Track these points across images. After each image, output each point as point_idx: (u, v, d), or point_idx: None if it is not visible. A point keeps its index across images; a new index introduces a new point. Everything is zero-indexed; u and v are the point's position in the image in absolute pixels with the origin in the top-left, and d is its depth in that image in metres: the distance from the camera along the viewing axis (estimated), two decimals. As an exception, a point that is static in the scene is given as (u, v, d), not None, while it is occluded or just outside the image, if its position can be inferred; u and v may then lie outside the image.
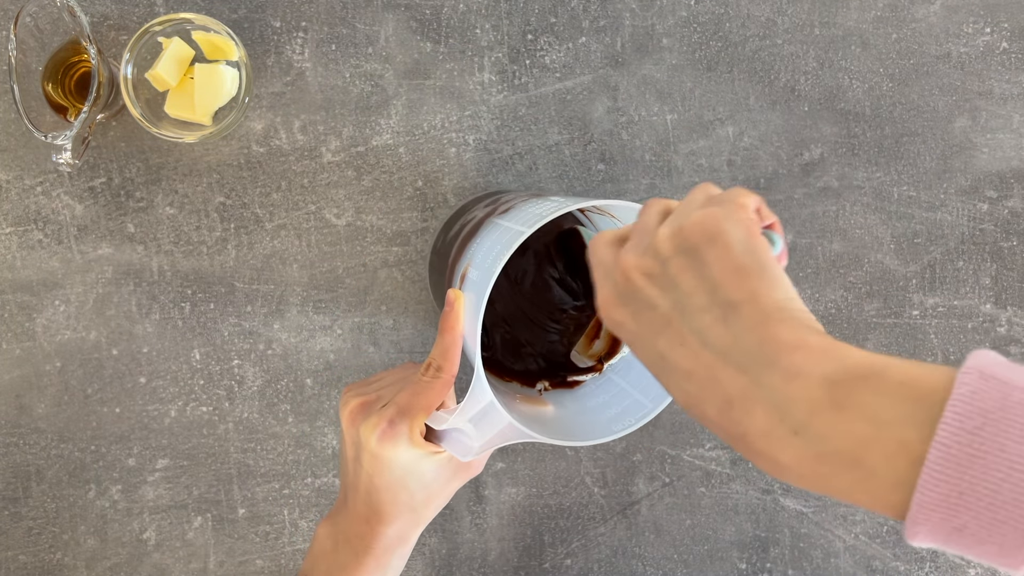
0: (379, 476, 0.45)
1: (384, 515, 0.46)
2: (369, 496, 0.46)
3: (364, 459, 0.45)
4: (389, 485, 0.45)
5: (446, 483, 0.47)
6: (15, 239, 0.62)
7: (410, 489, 0.45)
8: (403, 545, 0.47)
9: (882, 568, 0.67)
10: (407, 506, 0.46)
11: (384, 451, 0.44)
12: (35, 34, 0.57)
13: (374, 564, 0.46)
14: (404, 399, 0.45)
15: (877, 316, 0.67)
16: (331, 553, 0.47)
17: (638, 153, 0.65)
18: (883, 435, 0.26)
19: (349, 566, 0.46)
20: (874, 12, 0.66)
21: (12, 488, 0.63)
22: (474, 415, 0.44)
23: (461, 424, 0.44)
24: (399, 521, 0.46)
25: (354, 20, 0.64)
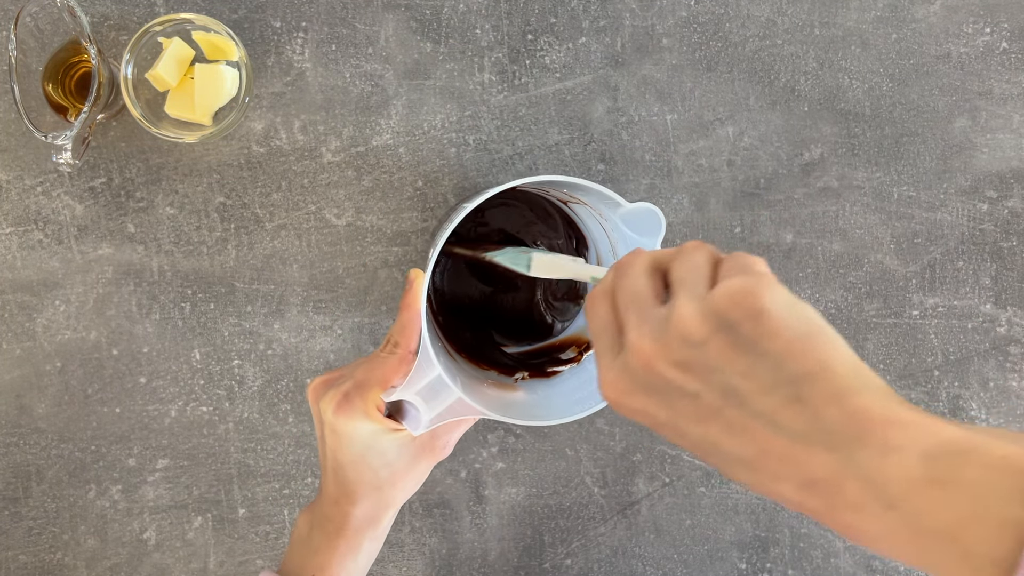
0: (341, 451, 0.46)
1: (351, 494, 0.46)
2: (336, 475, 0.46)
3: (327, 436, 0.46)
4: (352, 462, 0.46)
5: (411, 463, 0.47)
6: (15, 239, 0.62)
7: (373, 467, 0.46)
8: (373, 527, 0.46)
9: (882, 568, 0.67)
10: (372, 485, 0.46)
11: (340, 423, 0.45)
12: (35, 34, 0.57)
13: (345, 546, 0.46)
14: (360, 374, 0.46)
15: (877, 316, 0.67)
16: (306, 538, 0.47)
17: (638, 153, 0.65)
18: (984, 512, 0.25)
19: (322, 549, 0.46)
20: (874, 12, 0.66)
21: (12, 488, 0.63)
22: (422, 388, 0.45)
23: (409, 396, 0.45)
24: (366, 501, 0.46)
25: (354, 20, 0.64)
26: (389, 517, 0.47)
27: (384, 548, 0.65)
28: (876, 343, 0.67)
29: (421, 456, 0.47)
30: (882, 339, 0.67)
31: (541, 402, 0.55)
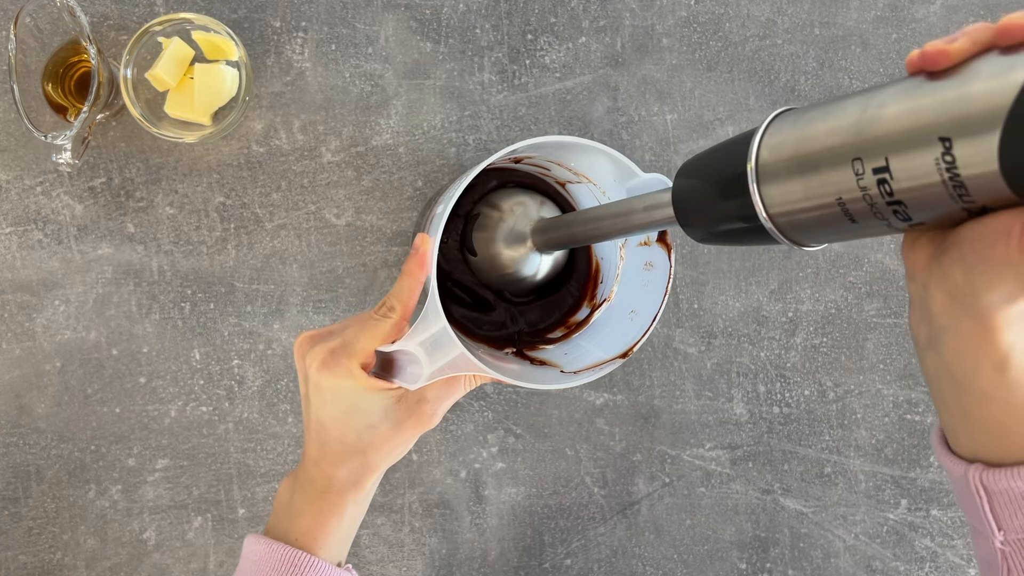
0: (324, 410, 0.45)
1: (331, 455, 0.45)
2: (318, 435, 0.45)
3: (311, 393, 0.45)
4: (335, 420, 0.45)
5: (395, 427, 0.45)
6: (15, 239, 0.62)
7: (355, 428, 0.45)
8: (356, 490, 0.45)
9: (882, 568, 0.67)
10: (353, 446, 0.45)
11: (324, 380, 0.44)
12: (35, 34, 0.57)
13: (328, 509, 0.45)
14: (350, 333, 0.45)
15: (877, 316, 0.67)
16: (288, 503, 0.46)
17: (638, 153, 0.65)
18: None
19: (305, 512, 0.45)
20: (874, 12, 0.66)
21: (12, 488, 0.63)
22: (426, 339, 0.45)
23: (412, 347, 0.45)
24: (348, 463, 0.45)
25: (354, 20, 0.64)
26: (372, 482, 0.46)
27: (384, 548, 0.65)
28: (876, 343, 0.67)
29: (406, 421, 0.46)
30: (882, 339, 0.67)
31: (533, 371, 0.55)
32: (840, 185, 0.30)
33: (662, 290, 0.53)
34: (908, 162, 0.27)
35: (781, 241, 0.34)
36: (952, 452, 0.34)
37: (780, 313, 0.67)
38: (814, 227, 0.32)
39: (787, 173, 0.32)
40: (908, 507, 0.68)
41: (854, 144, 0.29)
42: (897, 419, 0.68)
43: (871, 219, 0.30)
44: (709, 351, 0.67)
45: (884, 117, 0.28)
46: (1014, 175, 0.25)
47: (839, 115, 0.30)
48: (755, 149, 0.33)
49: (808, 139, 0.31)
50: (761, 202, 0.33)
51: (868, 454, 0.67)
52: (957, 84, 0.27)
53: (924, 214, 0.29)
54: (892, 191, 0.28)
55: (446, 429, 0.65)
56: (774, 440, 0.67)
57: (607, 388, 0.66)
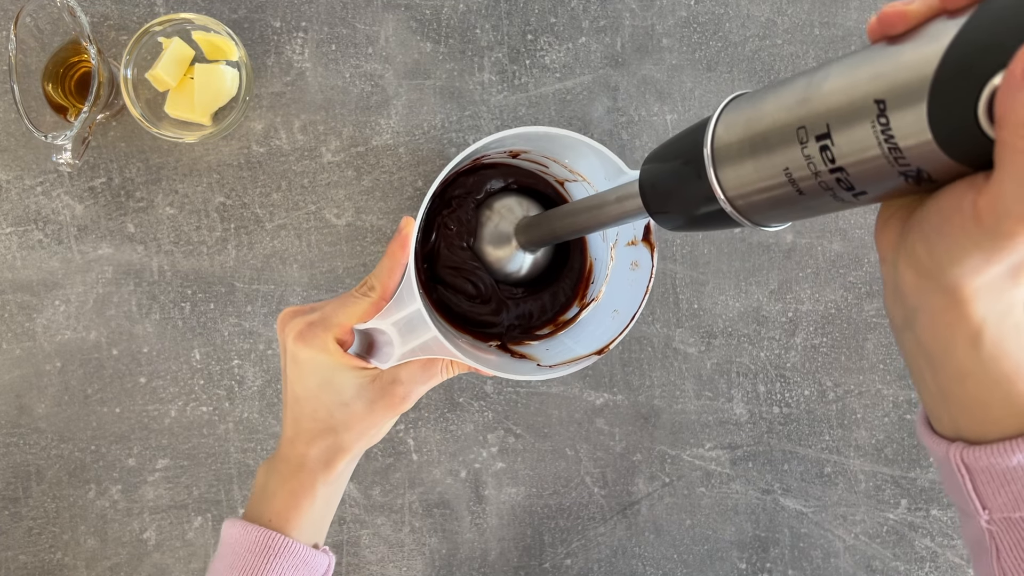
0: (299, 383, 0.45)
1: (305, 432, 0.45)
2: (293, 411, 0.46)
3: (288, 367, 0.46)
4: (308, 396, 0.45)
5: (367, 406, 0.46)
6: (15, 239, 0.62)
7: (327, 404, 0.45)
8: (326, 471, 0.45)
9: (882, 568, 0.67)
10: (326, 424, 0.45)
11: (299, 351, 0.44)
12: (35, 34, 0.57)
13: (300, 490, 0.45)
14: (329, 308, 0.46)
15: (877, 316, 0.67)
16: (263, 487, 0.46)
17: (638, 153, 0.65)
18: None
19: (277, 494, 0.45)
20: (874, 12, 0.66)
21: (12, 488, 0.63)
22: (399, 320, 0.45)
23: (385, 326, 0.45)
24: (320, 442, 0.45)
25: (354, 20, 0.64)
26: (344, 464, 0.46)
27: (384, 548, 0.65)
28: (876, 343, 0.67)
29: (379, 401, 0.46)
30: (882, 339, 0.67)
31: (511, 362, 0.55)
32: (787, 157, 0.30)
33: (643, 290, 0.54)
34: (847, 127, 0.28)
35: (742, 223, 0.34)
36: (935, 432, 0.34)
37: (780, 313, 0.67)
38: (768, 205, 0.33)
39: (739, 154, 0.32)
40: (908, 507, 0.68)
41: (798, 115, 0.29)
42: (897, 419, 0.68)
43: (819, 191, 0.30)
44: (709, 351, 0.67)
45: (825, 87, 0.29)
46: (945, 139, 0.25)
47: (786, 92, 0.31)
48: (710, 133, 0.34)
49: (758, 117, 0.32)
50: (719, 186, 0.33)
51: (868, 454, 0.67)
52: (897, 50, 0.27)
53: (868, 184, 0.29)
54: (834, 158, 0.28)
55: (446, 429, 0.65)
56: (774, 440, 0.67)
57: (607, 388, 0.66)
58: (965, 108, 0.24)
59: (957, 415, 0.32)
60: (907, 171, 0.27)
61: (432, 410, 0.65)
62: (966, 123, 0.24)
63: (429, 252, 0.60)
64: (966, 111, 0.24)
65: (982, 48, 0.24)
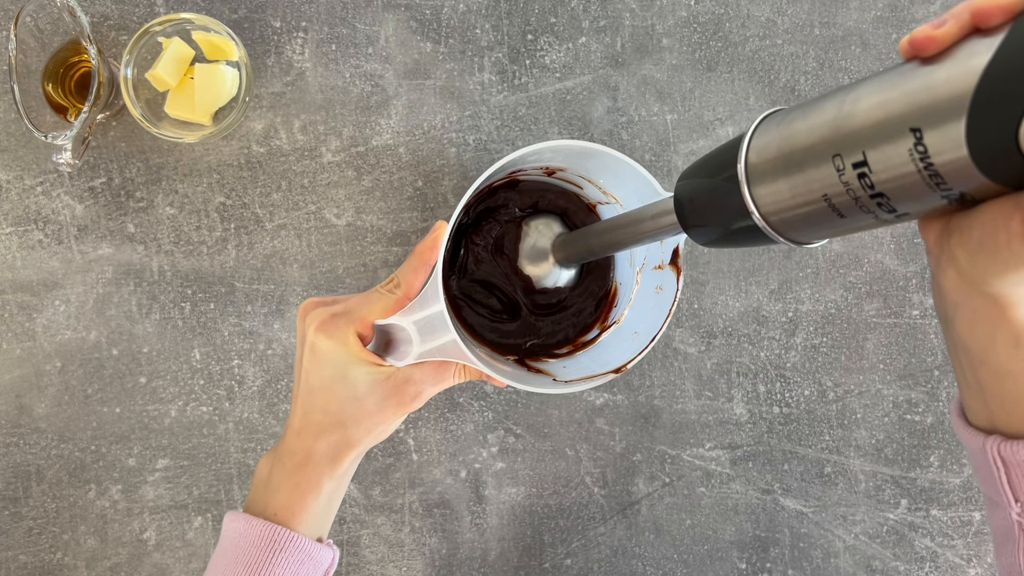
0: (314, 374, 0.45)
1: (313, 424, 0.45)
2: (304, 402, 0.46)
3: (305, 356, 0.46)
4: (322, 387, 0.45)
5: (379, 403, 0.45)
6: (15, 239, 0.62)
7: (339, 398, 0.45)
8: (332, 465, 0.45)
9: (882, 568, 0.67)
10: (335, 417, 0.45)
11: (319, 340, 0.44)
12: (35, 34, 0.57)
13: (305, 484, 0.45)
14: (353, 302, 0.46)
15: (877, 316, 0.67)
16: (266, 479, 0.46)
17: (638, 153, 0.65)
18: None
19: (282, 487, 0.45)
20: (874, 12, 0.66)
21: (12, 488, 0.63)
22: (420, 319, 0.45)
23: (405, 323, 0.45)
24: (328, 436, 0.45)
25: (354, 20, 0.64)
26: (350, 460, 0.46)
27: (384, 548, 0.65)
28: (876, 343, 0.67)
29: (390, 398, 0.46)
30: (882, 339, 0.67)
31: (528, 375, 0.55)
32: (824, 181, 0.30)
33: (666, 311, 0.54)
34: (883, 155, 0.27)
35: (778, 240, 0.34)
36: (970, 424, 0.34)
37: (780, 313, 0.67)
38: (805, 224, 0.33)
39: (773, 173, 0.32)
40: (908, 507, 0.68)
41: (832, 140, 0.29)
42: (897, 419, 0.68)
43: (858, 213, 0.30)
44: (709, 351, 0.67)
45: (859, 111, 0.28)
46: (985, 162, 0.25)
47: (819, 113, 0.30)
48: (744, 151, 0.34)
49: (791, 138, 0.31)
50: (753, 203, 0.33)
51: (868, 454, 0.67)
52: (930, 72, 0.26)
53: (909, 205, 0.28)
54: (873, 184, 0.28)
55: (446, 429, 0.65)
56: (774, 440, 0.67)
57: (607, 388, 0.66)
58: (1005, 131, 0.23)
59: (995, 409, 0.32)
60: (948, 193, 0.27)
61: (432, 410, 0.65)
62: (1007, 146, 0.24)
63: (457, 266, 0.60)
64: (1006, 134, 0.23)
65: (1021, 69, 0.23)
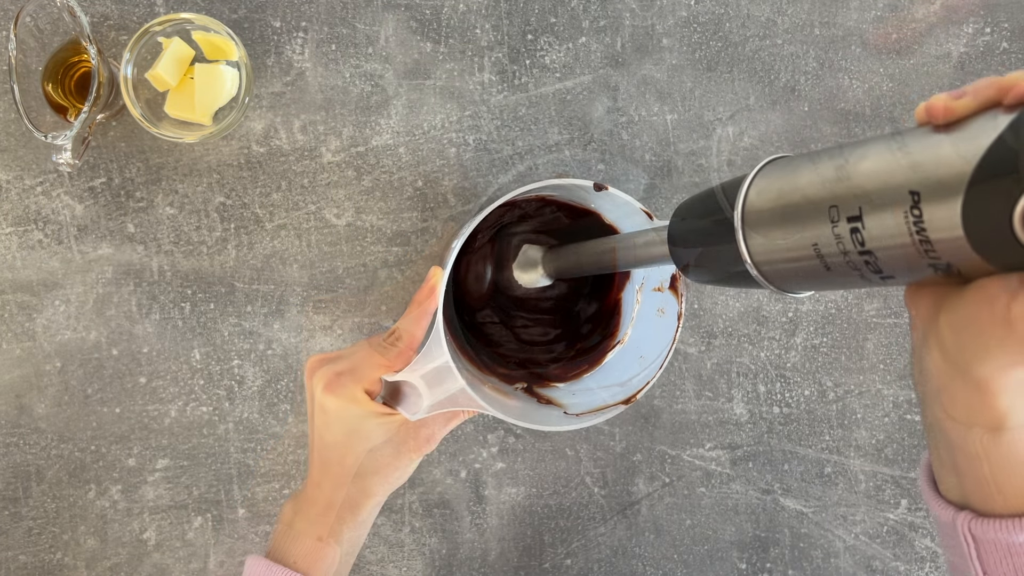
0: (327, 431, 0.46)
1: (332, 477, 0.46)
2: (321, 456, 0.46)
3: (316, 414, 0.46)
4: (336, 443, 0.46)
5: (394, 453, 0.46)
6: (15, 239, 0.62)
7: (356, 451, 0.45)
8: (353, 515, 0.46)
9: (882, 568, 0.67)
10: (354, 470, 0.46)
11: (328, 401, 0.45)
12: (35, 34, 0.57)
13: (327, 534, 0.46)
14: (358, 358, 0.46)
15: (877, 316, 0.67)
16: (288, 527, 0.47)
17: (638, 153, 0.65)
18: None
19: (303, 537, 0.46)
20: (874, 12, 0.66)
21: (12, 488, 0.63)
22: (427, 372, 0.46)
23: (413, 379, 0.46)
24: (348, 487, 0.46)
25: (354, 20, 0.64)
26: (370, 508, 0.47)
27: (384, 548, 0.65)
28: (876, 343, 0.67)
29: (405, 446, 0.47)
30: (882, 339, 0.67)
31: (537, 410, 0.55)
32: (817, 232, 0.30)
33: (670, 338, 0.54)
34: (879, 213, 0.27)
35: (767, 287, 0.34)
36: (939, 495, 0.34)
37: (780, 313, 0.67)
38: (794, 276, 0.33)
39: (770, 222, 0.32)
40: (908, 507, 0.68)
41: (832, 192, 0.29)
42: (897, 419, 0.68)
43: (845, 269, 0.30)
44: (709, 351, 0.67)
45: (862, 167, 0.28)
46: (978, 240, 0.24)
47: (823, 165, 0.30)
48: (742, 196, 0.33)
49: (791, 187, 0.31)
50: (747, 250, 0.33)
51: (868, 454, 0.67)
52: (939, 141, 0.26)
53: (895, 269, 0.28)
54: (863, 241, 0.28)
55: (446, 429, 0.65)
56: (774, 440, 0.67)
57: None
58: (1000, 213, 0.23)
59: (968, 488, 0.32)
60: (936, 263, 0.27)
61: (432, 410, 0.65)
62: (1000, 228, 0.23)
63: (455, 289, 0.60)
64: (1001, 216, 0.23)
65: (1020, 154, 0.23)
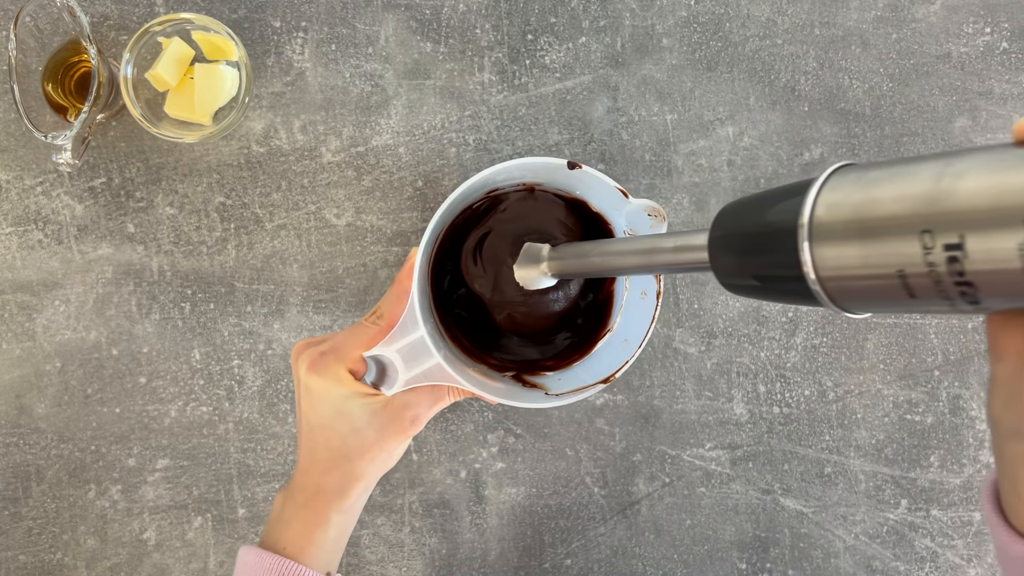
0: (312, 413, 0.46)
1: (319, 461, 0.46)
2: (308, 440, 0.47)
3: (302, 397, 0.47)
4: (321, 425, 0.46)
5: (378, 433, 0.46)
6: (15, 239, 0.62)
7: (340, 433, 0.46)
8: (340, 499, 0.46)
9: (882, 568, 0.67)
10: (339, 453, 0.46)
11: (312, 380, 0.45)
12: (35, 34, 0.57)
13: (313, 519, 0.46)
14: (340, 338, 0.47)
15: (877, 316, 0.67)
16: (279, 515, 0.47)
17: (638, 153, 0.65)
18: None
19: (292, 523, 0.46)
20: (874, 12, 0.66)
21: (12, 488, 0.63)
22: (403, 347, 0.46)
23: (389, 352, 0.46)
24: (334, 471, 0.46)
25: (354, 20, 0.64)
26: (358, 492, 0.47)
27: (384, 548, 0.65)
28: (876, 343, 0.67)
29: (389, 426, 0.47)
30: (882, 339, 0.67)
31: (519, 390, 0.55)
32: (904, 257, 0.27)
33: (650, 317, 0.54)
34: (986, 243, 0.24)
35: (826, 305, 0.32)
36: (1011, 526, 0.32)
37: (780, 313, 0.67)
38: (866, 296, 0.30)
39: (844, 235, 0.29)
40: (908, 507, 0.68)
41: (925, 215, 0.26)
42: (897, 419, 0.68)
43: (933, 297, 0.27)
44: (709, 351, 0.67)
45: (963, 189, 0.25)
46: None
47: (910, 179, 0.27)
48: (810, 205, 0.30)
49: (872, 202, 0.28)
50: (812, 263, 0.30)
51: (868, 454, 0.67)
52: None
53: (996, 301, 0.26)
54: (963, 272, 0.25)
55: (446, 429, 0.65)
56: (774, 440, 0.67)
57: (607, 388, 0.66)
58: None
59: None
60: None
61: (432, 410, 0.65)
62: None
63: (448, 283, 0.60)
64: None
65: None
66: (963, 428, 0.67)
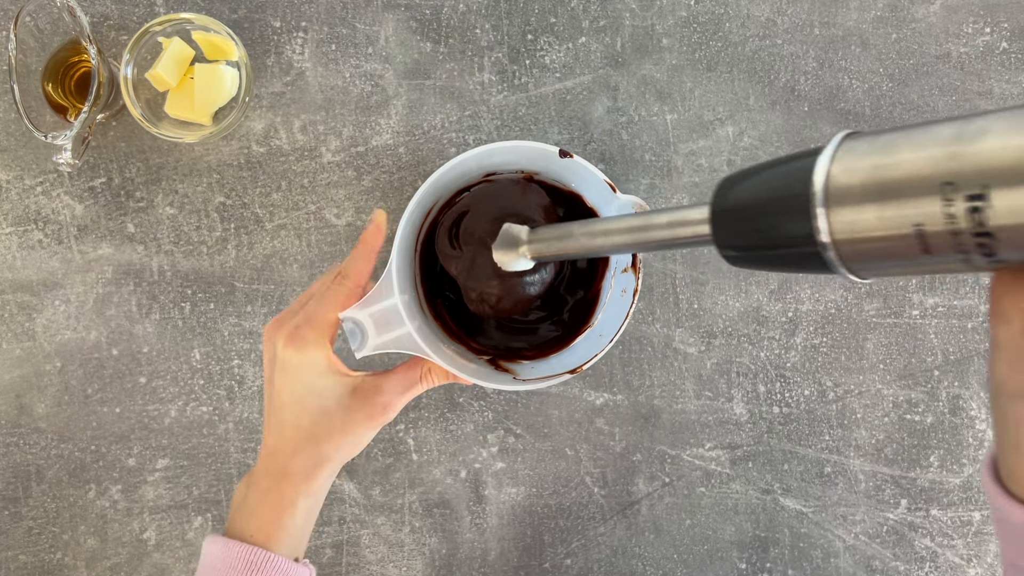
0: (285, 390, 0.45)
1: (288, 441, 0.45)
2: (276, 419, 0.46)
3: (276, 374, 0.46)
4: (292, 402, 0.45)
5: (346, 415, 0.45)
6: (15, 239, 0.62)
7: (310, 411, 0.45)
8: (307, 482, 0.45)
9: (882, 568, 0.67)
10: (307, 432, 0.45)
11: (290, 355, 0.44)
12: (35, 34, 0.57)
13: (279, 503, 0.45)
14: (311, 308, 0.46)
15: (877, 316, 0.67)
16: (242, 502, 0.46)
17: (638, 153, 0.65)
18: None
19: (257, 510, 0.45)
20: (874, 12, 0.66)
21: (12, 488, 0.63)
22: (375, 311, 0.46)
23: (360, 316, 0.46)
24: (301, 453, 0.45)
25: (354, 20, 0.64)
26: (324, 475, 0.46)
27: (384, 548, 0.65)
28: (876, 343, 0.67)
29: (358, 411, 0.46)
30: (882, 339, 0.67)
31: (488, 373, 0.55)
32: (922, 212, 0.27)
33: (625, 312, 0.54)
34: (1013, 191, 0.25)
35: (836, 270, 0.32)
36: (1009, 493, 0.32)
37: (780, 313, 0.67)
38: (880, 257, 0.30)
39: (861, 197, 0.29)
40: (908, 507, 0.68)
41: (947, 169, 0.27)
42: (897, 419, 0.68)
43: (949, 253, 0.27)
44: (709, 351, 0.67)
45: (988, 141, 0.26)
46: None
47: (929, 138, 0.28)
48: (824, 169, 0.31)
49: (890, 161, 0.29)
50: (828, 227, 0.30)
51: (868, 454, 0.67)
52: None
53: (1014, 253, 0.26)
54: (984, 223, 0.26)
55: (446, 429, 0.65)
56: (774, 440, 0.67)
57: (607, 388, 0.66)
58: None
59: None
60: None
61: (432, 410, 0.65)
62: None
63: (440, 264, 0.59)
64: None
65: None
66: (963, 428, 0.67)
